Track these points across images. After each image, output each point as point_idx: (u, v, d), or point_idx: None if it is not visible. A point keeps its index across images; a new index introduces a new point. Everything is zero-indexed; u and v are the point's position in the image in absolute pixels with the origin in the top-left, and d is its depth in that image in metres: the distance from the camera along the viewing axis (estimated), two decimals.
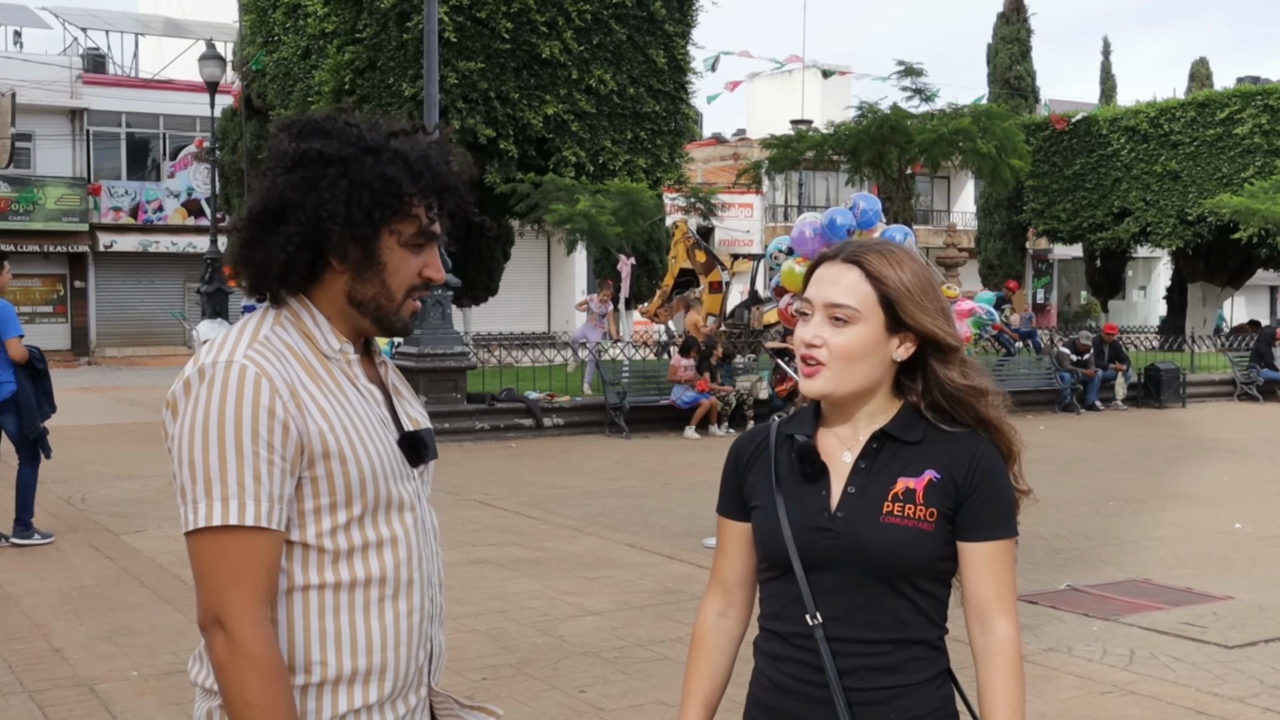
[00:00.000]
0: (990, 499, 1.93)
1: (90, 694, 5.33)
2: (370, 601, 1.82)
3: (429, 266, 1.89)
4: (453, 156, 1.89)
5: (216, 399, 1.72)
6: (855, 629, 1.91)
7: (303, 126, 1.83)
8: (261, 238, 1.80)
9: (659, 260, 25.65)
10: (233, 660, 1.71)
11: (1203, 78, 44.87)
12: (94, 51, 35.37)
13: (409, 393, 2.03)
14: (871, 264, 1.94)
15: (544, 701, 5.23)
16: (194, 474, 1.72)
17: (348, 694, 1.81)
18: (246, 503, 1.71)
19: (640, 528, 9.32)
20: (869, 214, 7.71)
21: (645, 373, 17.19)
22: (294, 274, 1.82)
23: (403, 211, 1.82)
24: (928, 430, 1.97)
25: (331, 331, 1.86)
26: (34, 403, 8.30)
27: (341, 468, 1.78)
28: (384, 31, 20.25)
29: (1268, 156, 29.39)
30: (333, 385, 1.83)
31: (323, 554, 1.80)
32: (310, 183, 1.78)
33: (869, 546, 1.90)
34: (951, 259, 25.55)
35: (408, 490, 1.89)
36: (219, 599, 1.72)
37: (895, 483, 1.93)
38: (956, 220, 42.37)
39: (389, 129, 1.85)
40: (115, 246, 33.14)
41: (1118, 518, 9.89)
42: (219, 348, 1.79)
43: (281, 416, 1.73)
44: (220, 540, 1.72)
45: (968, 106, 24.89)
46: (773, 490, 1.98)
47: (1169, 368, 20.95)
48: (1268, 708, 5.21)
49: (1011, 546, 1.96)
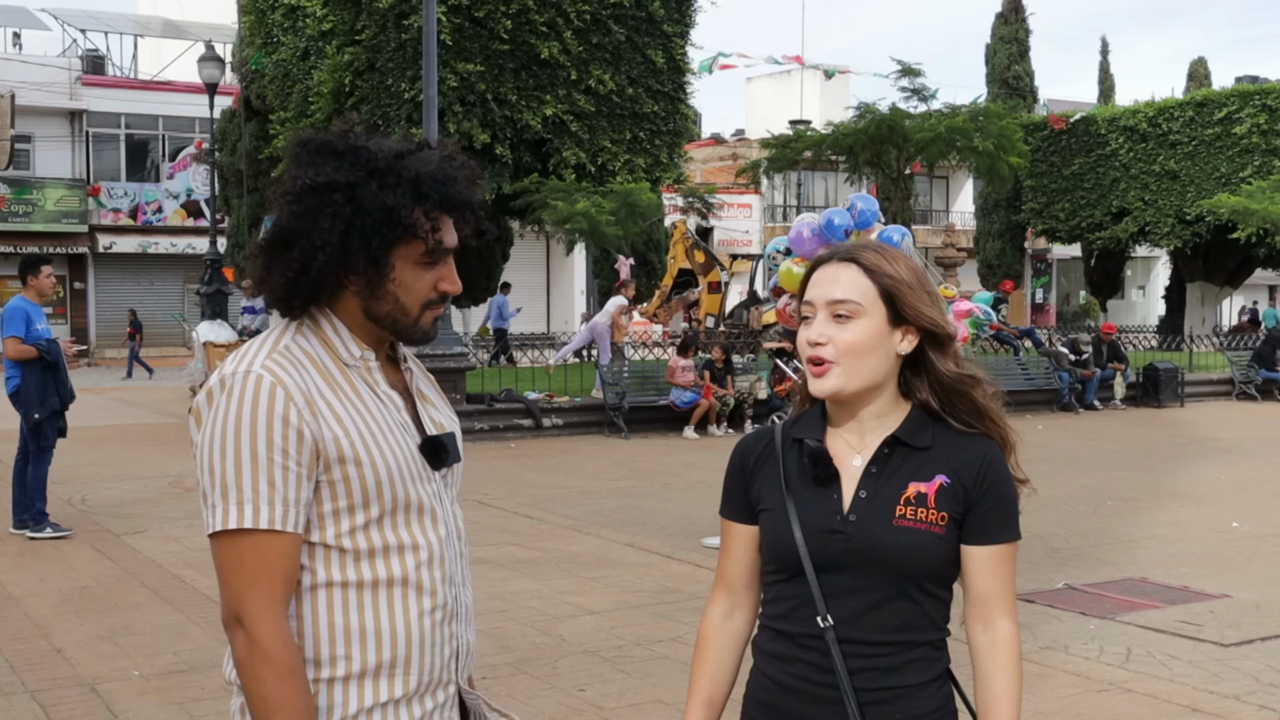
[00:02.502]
0: (998, 504, 1.97)
1: (92, 694, 5.35)
2: (393, 599, 1.87)
3: (444, 280, 1.94)
4: (462, 171, 1.93)
5: (234, 408, 1.79)
6: (864, 631, 1.94)
7: (317, 147, 1.89)
8: (272, 264, 1.88)
9: (658, 260, 25.69)
10: (251, 658, 1.78)
11: (1201, 77, 44.87)
12: (93, 53, 35.39)
13: (438, 397, 2.08)
14: (868, 259, 1.98)
15: (543, 700, 5.25)
16: (214, 479, 1.80)
17: (373, 688, 1.86)
18: (261, 507, 1.78)
19: (639, 527, 9.34)
20: (866, 214, 7.73)
21: (644, 373, 17.21)
22: (300, 298, 1.89)
23: (406, 236, 1.86)
24: (936, 434, 2.00)
25: (352, 340, 1.92)
26: (37, 394, 8.64)
27: (357, 471, 1.84)
28: (383, 32, 20.28)
29: (1266, 156, 29.41)
30: (350, 392, 1.89)
31: (343, 554, 1.86)
32: (315, 211, 1.84)
33: (882, 549, 1.93)
34: (950, 259, 25.56)
35: (428, 493, 1.93)
36: (238, 599, 1.80)
37: (907, 487, 1.95)
38: (955, 220, 42.38)
39: (396, 149, 1.89)
40: (115, 248, 33.17)
41: (1115, 517, 9.91)
42: (240, 358, 1.87)
43: (296, 424, 1.80)
44: (238, 542, 1.79)
45: (965, 106, 24.92)
46: (782, 494, 2.00)
47: (1167, 367, 20.96)
48: (1263, 705, 5.24)
49: (1014, 550, 2.01)
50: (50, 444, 8.82)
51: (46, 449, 8.81)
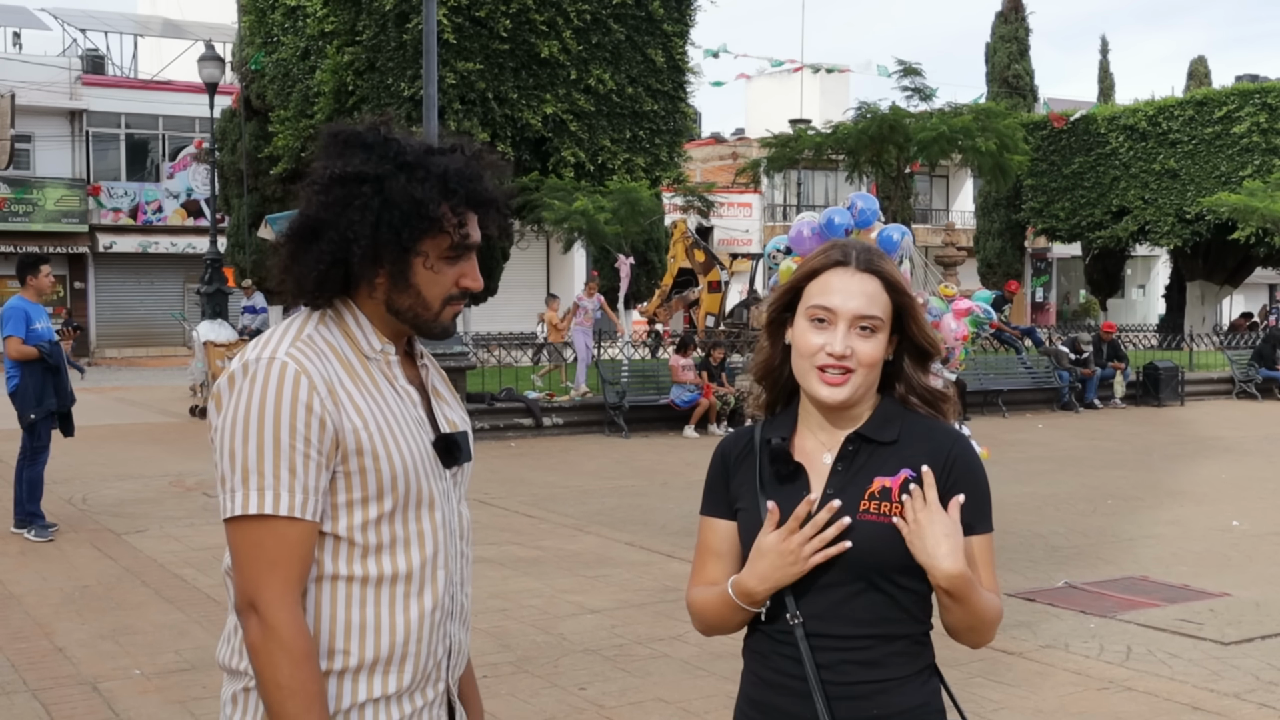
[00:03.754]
0: (965, 496, 1.97)
1: (93, 692, 5.36)
2: (395, 596, 1.88)
3: (466, 276, 1.95)
4: (489, 169, 1.95)
5: (258, 393, 1.80)
6: (836, 625, 1.95)
7: (347, 138, 1.90)
8: (299, 254, 1.88)
9: (658, 260, 25.67)
10: (265, 644, 1.79)
11: (1201, 76, 44.86)
12: (93, 53, 35.38)
13: (451, 395, 2.10)
14: (889, 273, 2.01)
15: (544, 699, 5.26)
16: (233, 464, 1.80)
17: (368, 683, 1.87)
18: (281, 493, 1.79)
19: (639, 526, 9.35)
20: (867, 213, 7.73)
21: (644, 372, 17.22)
22: (328, 289, 1.90)
23: (433, 230, 1.88)
24: (904, 427, 2.02)
25: (374, 333, 1.93)
26: (34, 395, 8.63)
27: (374, 464, 1.85)
28: (383, 32, 20.28)
29: (1266, 155, 29.40)
30: (370, 384, 1.90)
31: (353, 547, 1.87)
32: (344, 202, 1.85)
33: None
34: (950, 258, 25.56)
35: (438, 490, 1.95)
36: (254, 584, 1.80)
37: (872, 482, 1.97)
38: (955, 219, 42.38)
39: (427, 145, 1.91)
40: (115, 247, 33.16)
41: (1115, 515, 9.91)
42: (263, 344, 1.87)
43: (319, 412, 1.81)
44: (256, 528, 1.80)
45: (967, 106, 24.90)
46: (756, 493, 2.03)
47: (1167, 366, 20.96)
48: (1263, 703, 5.24)
49: (988, 542, 2.02)
50: (44, 445, 8.80)
51: (40, 450, 8.79)
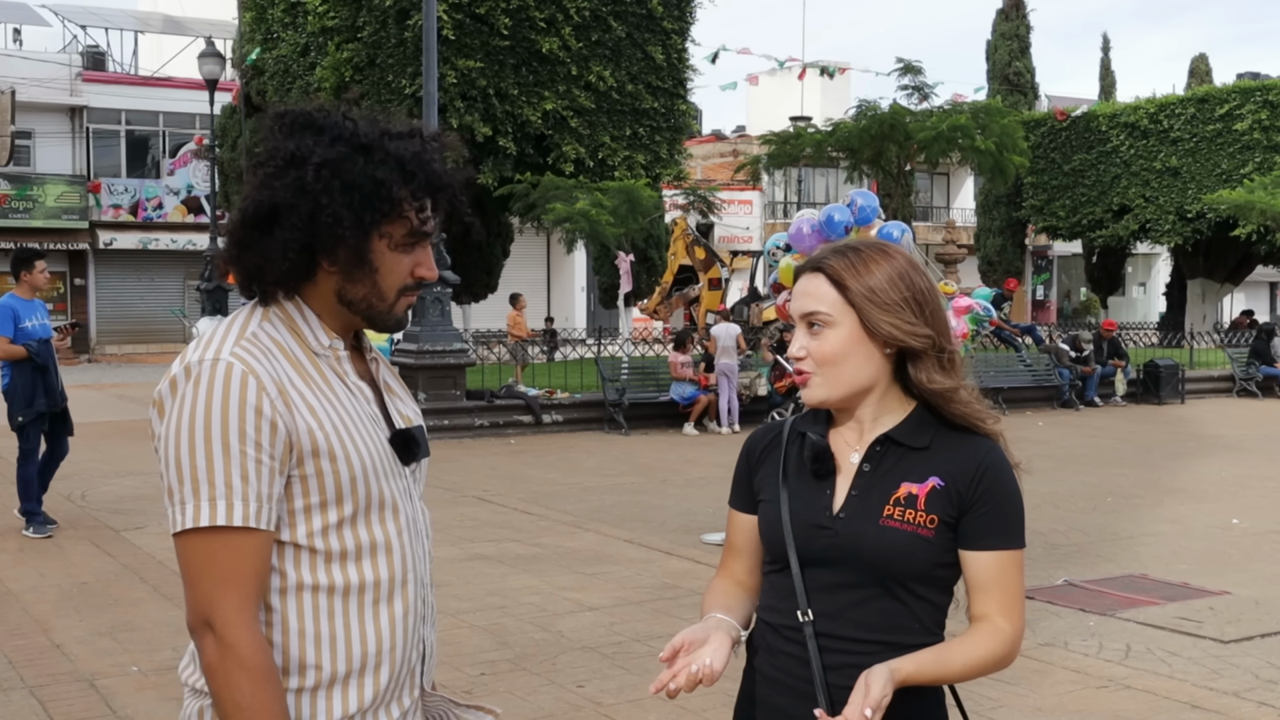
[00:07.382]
0: (994, 509, 1.92)
1: (91, 689, 5.35)
2: (365, 604, 1.79)
3: (421, 265, 1.85)
4: (448, 155, 1.85)
5: (203, 398, 1.69)
6: (847, 628, 1.92)
7: (295, 119, 1.79)
8: (253, 240, 1.77)
9: (658, 257, 25.67)
10: (223, 664, 1.68)
11: (1202, 74, 44.86)
12: (93, 49, 35.39)
13: (401, 389, 2.00)
14: (833, 268, 1.95)
15: (542, 696, 5.25)
16: (181, 474, 1.69)
17: (342, 697, 1.78)
18: (234, 503, 1.68)
19: (639, 524, 9.34)
20: (867, 210, 7.73)
21: (644, 369, 17.21)
22: (290, 277, 1.79)
23: (394, 214, 1.78)
24: (937, 435, 1.96)
25: (321, 328, 1.83)
26: (23, 396, 8.52)
27: (331, 466, 1.75)
28: (383, 29, 20.27)
29: (1267, 152, 29.40)
30: (321, 382, 1.79)
31: (314, 555, 1.76)
32: (301, 184, 1.73)
33: (865, 548, 1.91)
34: (950, 255, 25.59)
35: (398, 488, 1.86)
36: (208, 601, 1.69)
37: (899, 487, 1.93)
38: (956, 217, 42.35)
39: (384, 128, 1.81)
40: (115, 244, 33.17)
41: (1115, 513, 9.90)
42: (205, 345, 1.75)
43: (269, 415, 1.70)
44: (209, 541, 1.68)
45: (967, 103, 24.90)
46: (778, 485, 2.00)
47: (1168, 364, 20.95)
48: (1263, 702, 5.23)
49: (1018, 558, 1.94)
50: (33, 446, 8.68)
51: (29, 451, 8.66)
